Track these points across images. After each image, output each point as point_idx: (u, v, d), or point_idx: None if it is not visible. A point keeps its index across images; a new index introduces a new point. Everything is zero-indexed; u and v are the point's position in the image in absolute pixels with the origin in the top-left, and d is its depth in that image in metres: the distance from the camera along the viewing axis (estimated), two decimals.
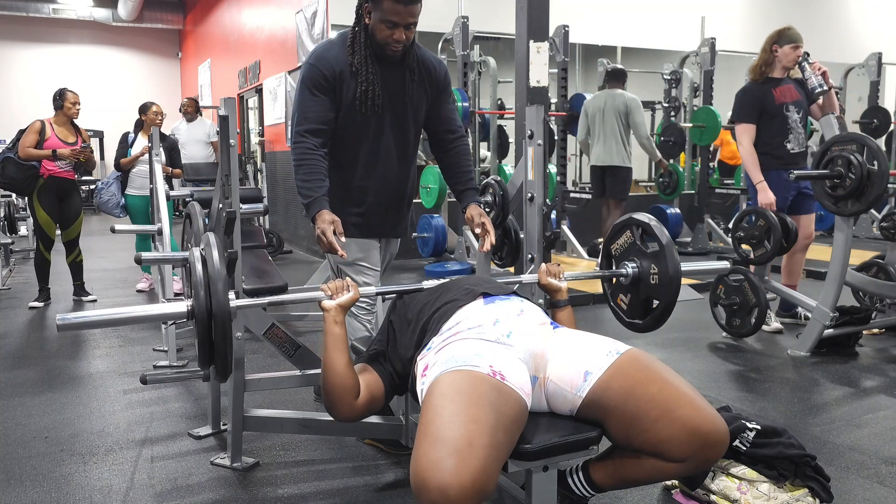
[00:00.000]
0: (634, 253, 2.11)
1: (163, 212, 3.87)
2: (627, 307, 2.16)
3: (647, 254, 2.07)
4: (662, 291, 2.03)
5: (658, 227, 2.05)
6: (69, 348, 3.92)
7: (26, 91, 14.12)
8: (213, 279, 1.67)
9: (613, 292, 2.22)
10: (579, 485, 1.71)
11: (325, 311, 1.79)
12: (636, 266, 2.10)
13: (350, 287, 1.84)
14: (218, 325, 1.65)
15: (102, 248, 8.37)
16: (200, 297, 1.65)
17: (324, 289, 1.84)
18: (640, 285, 2.09)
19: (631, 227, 2.13)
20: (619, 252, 2.17)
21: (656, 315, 2.08)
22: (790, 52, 3.89)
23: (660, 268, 2.02)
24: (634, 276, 2.10)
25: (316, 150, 2.28)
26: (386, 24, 2.24)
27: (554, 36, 6.27)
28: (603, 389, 1.57)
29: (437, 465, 1.29)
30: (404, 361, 1.81)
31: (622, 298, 2.17)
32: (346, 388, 1.72)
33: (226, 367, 1.72)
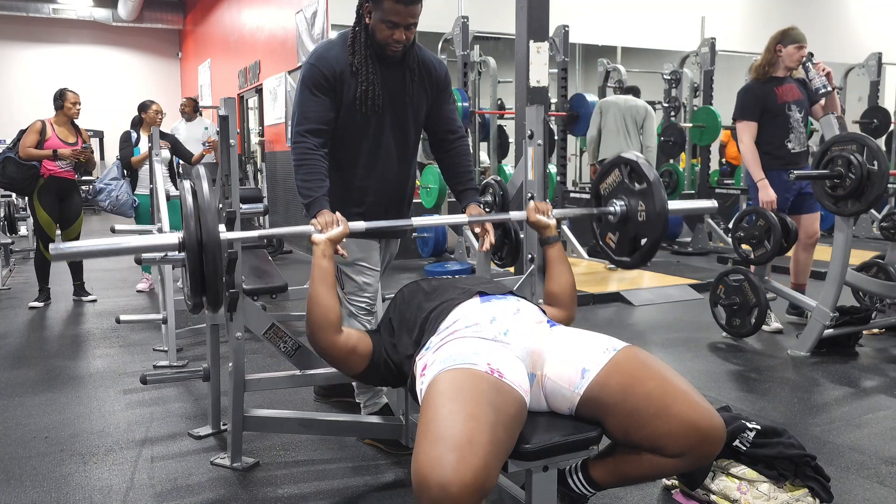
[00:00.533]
0: (623, 192, 2.17)
1: (163, 212, 3.87)
2: (616, 245, 2.23)
3: (635, 192, 2.13)
4: (650, 228, 2.09)
5: (646, 166, 2.11)
6: (69, 348, 3.92)
7: (26, 91, 14.13)
8: (204, 210, 1.72)
9: (602, 231, 2.28)
10: (579, 483, 1.71)
11: (314, 244, 1.89)
12: (624, 204, 2.16)
13: (340, 222, 1.93)
14: (208, 254, 1.70)
15: None
16: (191, 227, 1.70)
17: (314, 223, 1.93)
18: (629, 223, 2.15)
19: (619, 165, 2.19)
20: (607, 191, 2.24)
21: (644, 251, 2.15)
22: (794, 52, 3.89)
23: (647, 205, 2.07)
24: (623, 214, 2.16)
25: (316, 150, 2.28)
26: (386, 25, 2.24)
27: (554, 36, 6.27)
28: (601, 386, 1.58)
29: (437, 462, 1.29)
30: (402, 357, 1.83)
31: (611, 237, 2.23)
32: (328, 321, 1.82)
33: (216, 297, 1.77)
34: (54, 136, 4.97)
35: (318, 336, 1.85)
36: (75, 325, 4.45)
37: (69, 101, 5.03)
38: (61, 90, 5.08)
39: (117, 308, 4.89)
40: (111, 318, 4.44)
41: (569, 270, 2.13)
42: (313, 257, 1.89)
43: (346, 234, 1.93)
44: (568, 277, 2.12)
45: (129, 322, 3.93)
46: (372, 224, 2.08)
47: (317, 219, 1.94)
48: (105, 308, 4.96)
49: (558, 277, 2.12)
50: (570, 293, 2.12)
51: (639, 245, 2.16)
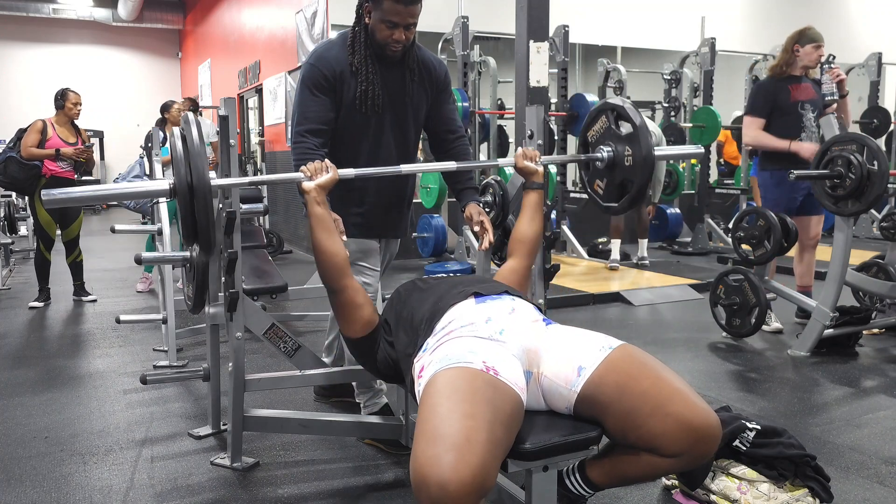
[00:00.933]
0: (609, 137, 2.20)
1: (163, 212, 3.87)
2: (604, 191, 2.26)
3: (622, 137, 2.16)
4: (636, 172, 2.11)
5: (631, 110, 2.14)
6: (69, 348, 3.92)
7: (26, 91, 14.13)
8: (193, 155, 1.73)
9: (590, 178, 2.32)
10: (576, 484, 1.71)
11: (305, 192, 1.92)
12: (611, 150, 2.19)
13: (329, 168, 1.95)
14: (199, 198, 1.71)
15: (102, 248, 8.37)
16: (181, 173, 1.71)
17: (303, 170, 1.94)
18: (616, 169, 2.18)
19: (606, 111, 2.22)
20: (594, 138, 2.27)
21: (631, 196, 2.17)
22: (812, 52, 3.89)
23: (633, 150, 2.11)
24: (609, 160, 2.19)
25: (316, 150, 2.28)
26: (386, 24, 2.25)
27: (554, 36, 6.27)
28: (597, 384, 1.57)
29: (436, 461, 1.29)
30: (399, 354, 1.83)
31: (598, 184, 2.26)
32: (335, 265, 1.89)
33: (209, 241, 1.80)
34: (55, 135, 4.97)
35: (328, 279, 1.91)
36: (75, 325, 4.45)
37: (70, 101, 5.03)
38: (63, 90, 5.08)
39: (117, 308, 4.89)
40: (111, 318, 4.44)
41: (541, 220, 2.20)
42: (307, 206, 1.93)
43: (335, 179, 1.95)
44: (538, 226, 2.19)
45: (129, 322, 3.93)
46: (361, 171, 2.08)
47: (305, 166, 1.95)
48: (105, 308, 4.96)
49: (529, 223, 2.19)
50: (534, 241, 2.19)
51: (627, 190, 2.19)
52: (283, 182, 2.05)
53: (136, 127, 14.02)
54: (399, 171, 2.15)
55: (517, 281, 2.07)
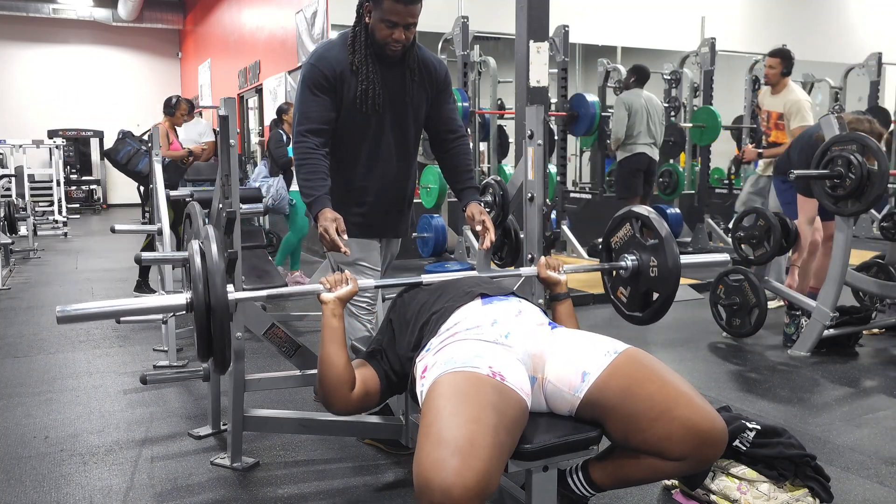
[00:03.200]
0: (634, 246, 2.13)
1: (163, 212, 3.86)
2: (627, 300, 2.18)
3: (647, 246, 2.09)
4: (662, 284, 2.04)
5: (657, 220, 2.07)
6: (69, 348, 3.92)
7: (26, 91, 14.14)
8: (212, 272, 1.69)
9: (613, 285, 2.23)
10: (579, 484, 1.71)
11: (323, 303, 1.83)
12: (636, 259, 2.11)
13: (349, 280, 1.87)
14: (216, 318, 1.67)
15: (103, 247, 8.38)
16: (199, 290, 1.67)
17: (323, 282, 1.86)
18: (640, 278, 2.11)
19: (630, 219, 2.15)
20: (618, 245, 2.19)
21: (656, 307, 2.10)
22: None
23: (659, 260, 2.03)
24: (634, 269, 2.12)
25: (317, 150, 2.28)
26: (386, 24, 2.25)
27: (554, 36, 6.27)
28: (601, 389, 1.57)
29: (440, 465, 1.29)
30: (403, 361, 1.82)
31: (622, 291, 2.19)
32: (341, 381, 1.76)
33: (224, 360, 1.74)
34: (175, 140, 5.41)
35: (335, 397, 1.78)
36: (76, 325, 4.45)
37: (182, 109, 5.46)
38: (177, 98, 5.50)
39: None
40: (111, 318, 4.44)
41: (575, 324, 2.06)
42: (323, 317, 1.83)
43: (354, 292, 1.86)
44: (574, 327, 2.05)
45: (129, 322, 3.93)
46: (382, 282, 2.10)
47: (326, 278, 1.89)
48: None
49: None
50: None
51: (650, 300, 2.12)
52: (303, 294, 2.01)
53: (136, 127, 13.98)
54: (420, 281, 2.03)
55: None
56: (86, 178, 14.04)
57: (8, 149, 10.06)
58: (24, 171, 9.40)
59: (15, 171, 9.36)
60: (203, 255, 1.70)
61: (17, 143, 9.92)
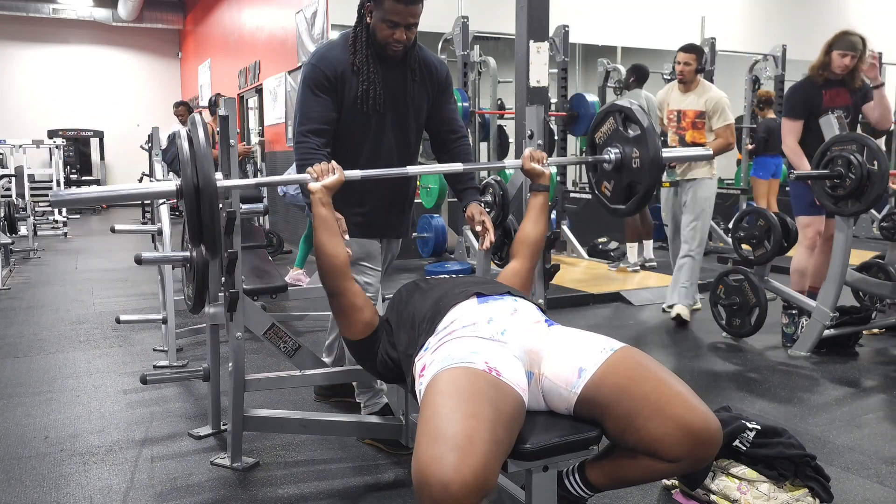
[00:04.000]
0: (617, 139, 2.18)
1: (163, 212, 3.86)
2: (611, 193, 2.25)
3: (630, 139, 2.14)
4: (644, 175, 2.10)
5: (639, 112, 2.12)
6: (69, 348, 3.92)
7: (26, 91, 14.14)
8: (200, 157, 1.74)
9: (598, 180, 2.31)
10: (576, 485, 1.71)
11: (311, 193, 1.93)
12: (619, 151, 2.17)
13: (335, 170, 1.96)
14: (205, 200, 1.73)
15: (102, 248, 8.38)
16: (188, 174, 1.73)
17: (310, 171, 1.96)
18: (623, 170, 2.17)
19: (613, 113, 2.21)
20: (602, 140, 2.26)
21: (638, 198, 2.17)
22: (838, 59, 3.80)
23: (641, 152, 2.10)
24: (617, 161, 2.18)
25: (318, 150, 2.29)
26: (387, 24, 2.25)
27: (554, 36, 6.27)
28: (597, 386, 1.57)
29: (438, 461, 1.29)
30: (400, 354, 1.83)
31: (606, 185, 2.25)
32: (335, 267, 1.89)
33: (214, 243, 1.81)
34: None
35: (329, 281, 1.92)
36: (76, 325, 4.45)
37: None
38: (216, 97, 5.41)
39: (117, 308, 4.89)
40: (111, 318, 4.44)
41: (545, 222, 2.20)
42: (312, 206, 1.94)
43: (341, 181, 1.96)
44: (542, 228, 2.19)
45: (129, 322, 3.93)
46: (367, 172, 2.10)
47: (312, 167, 1.96)
48: (105, 308, 4.96)
49: (533, 224, 2.19)
50: (538, 242, 2.19)
51: (633, 192, 2.18)
52: (289, 183, 2.06)
53: (136, 127, 14.03)
54: (405, 172, 2.15)
55: (520, 283, 2.07)
56: (86, 178, 14.04)
57: (8, 149, 10.05)
58: (24, 171, 9.39)
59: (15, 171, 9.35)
60: (191, 140, 1.76)
61: (17, 143, 9.91)
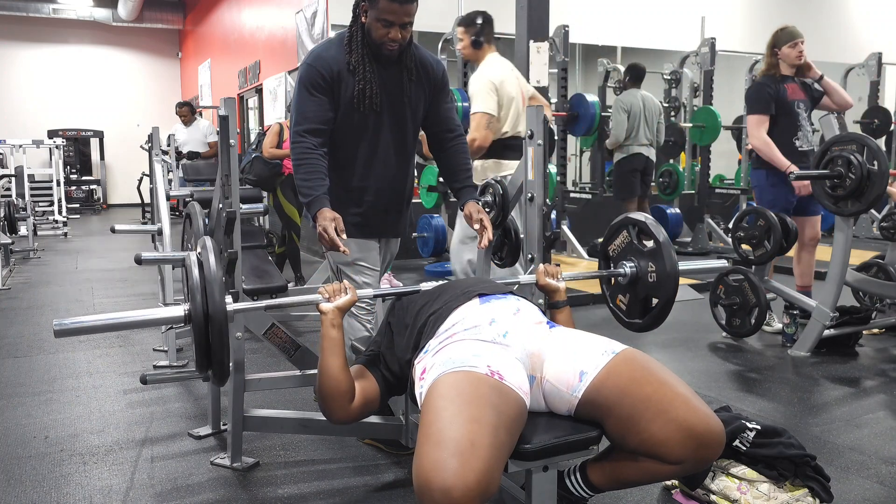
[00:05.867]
0: (632, 252, 2.12)
1: (163, 212, 3.86)
2: (627, 307, 2.17)
3: (645, 253, 2.08)
4: (661, 290, 2.03)
5: (654, 226, 2.06)
6: (69, 348, 3.92)
7: (26, 91, 14.13)
8: (210, 282, 1.67)
9: (612, 293, 2.22)
10: (577, 485, 1.71)
11: (322, 313, 1.80)
12: (634, 265, 2.10)
13: (348, 290, 1.84)
14: (215, 328, 1.65)
15: (103, 248, 8.37)
16: (197, 301, 1.65)
17: (321, 291, 1.84)
18: (639, 284, 2.10)
19: (627, 226, 2.14)
20: (616, 252, 2.18)
21: (655, 314, 2.08)
22: (791, 51, 3.89)
23: (658, 266, 2.02)
24: (632, 276, 2.11)
25: (315, 150, 2.28)
26: (382, 23, 2.25)
27: (554, 36, 6.27)
28: (598, 389, 1.57)
29: (440, 466, 1.29)
30: (401, 364, 1.81)
31: (621, 299, 2.18)
32: (341, 392, 1.75)
33: (223, 371, 1.72)
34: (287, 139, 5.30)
35: (334, 407, 1.77)
36: None
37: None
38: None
39: (117, 308, 4.89)
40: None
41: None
42: (322, 327, 1.80)
43: (353, 301, 1.84)
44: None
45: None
46: (379, 291, 2.06)
47: (324, 287, 1.87)
48: (105, 308, 4.96)
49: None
50: None
51: (650, 306, 2.12)
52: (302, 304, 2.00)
53: (136, 127, 14.02)
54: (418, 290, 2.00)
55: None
56: (86, 178, 14.04)
57: (8, 149, 10.06)
58: (24, 171, 9.40)
59: (15, 171, 9.36)
60: (201, 265, 1.70)
61: (17, 143, 9.91)
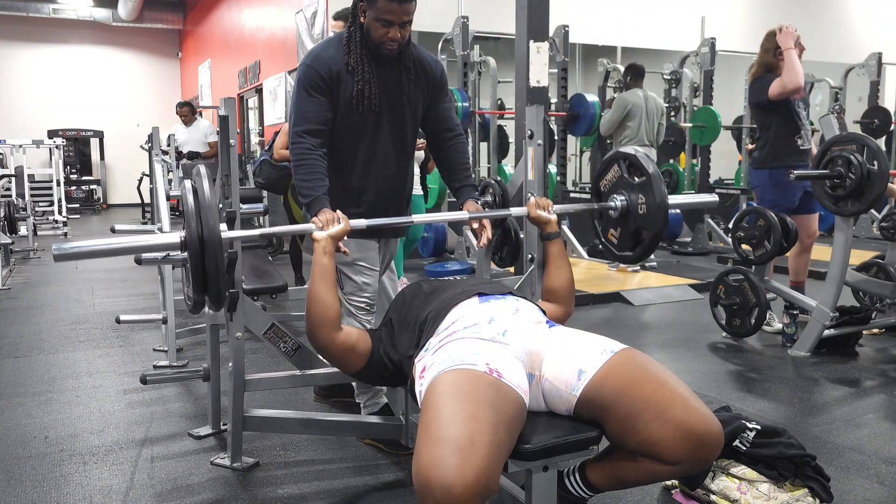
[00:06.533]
0: (622, 186, 2.19)
1: (163, 211, 3.87)
2: (618, 240, 2.26)
3: (635, 185, 2.15)
4: (651, 221, 2.10)
5: (644, 159, 2.13)
6: (69, 348, 3.92)
7: (26, 91, 14.13)
8: (204, 208, 1.73)
9: (604, 227, 2.31)
10: (576, 486, 1.71)
11: (315, 241, 1.91)
12: (624, 199, 2.18)
13: (341, 219, 1.95)
14: (209, 252, 1.72)
15: None
16: (192, 226, 1.72)
17: (315, 221, 1.95)
18: (629, 217, 2.17)
19: (618, 161, 2.21)
20: (607, 187, 2.26)
21: (646, 245, 2.17)
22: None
23: (647, 198, 2.10)
24: (623, 209, 2.18)
25: (315, 150, 2.28)
26: (381, 23, 2.25)
27: (554, 36, 6.27)
28: (597, 389, 1.57)
29: (440, 464, 1.29)
30: (401, 356, 1.82)
31: (612, 233, 2.25)
32: (327, 318, 1.84)
33: (218, 295, 1.79)
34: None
35: (318, 333, 1.86)
36: (75, 325, 4.45)
37: None
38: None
39: (117, 308, 4.89)
40: (111, 318, 4.44)
41: (568, 267, 2.16)
42: (314, 254, 1.90)
43: (346, 231, 1.94)
44: (567, 274, 2.15)
45: (129, 322, 3.93)
46: (373, 221, 2.10)
47: (318, 216, 1.95)
48: (105, 308, 4.96)
49: (558, 274, 2.14)
50: (568, 289, 2.14)
51: (640, 239, 2.18)
52: (295, 233, 2.06)
53: (136, 127, 14.02)
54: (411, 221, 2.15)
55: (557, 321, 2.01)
56: (86, 178, 14.05)
57: (8, 149, 10.05)
58: (24, 171, 9.40)
59: (15, 171, 9.36)
60: (195, 192, 1.75)
61: (17, 143, 9.91)
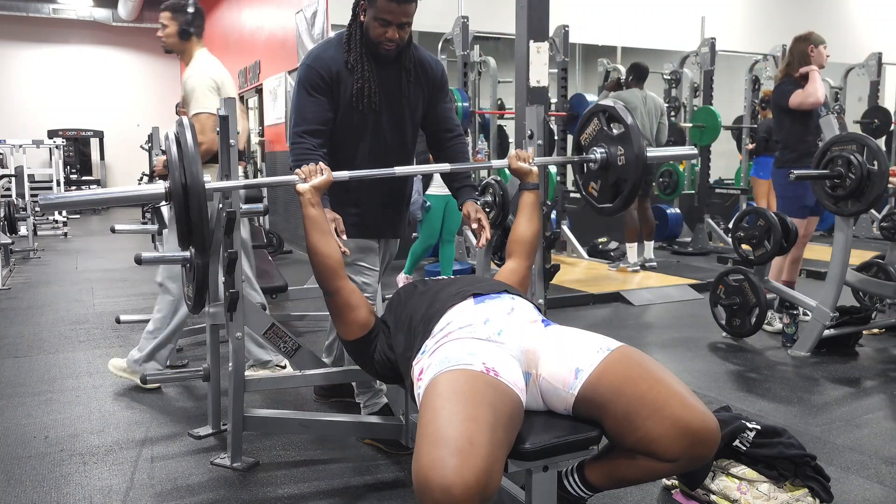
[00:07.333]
0: (602, 139, 2.23)
1: (163, 211, 3.87)
2: (598, 193, 2.30)
3: (614, 138, 2.19)
4: (630, 172, 2.14)
5: (622, 111, 2.17)
6: (69, 348, 3.92)
7: (26, 91, 14.13)
8: (188, 158, 1.76)
9: (585, 181, 2.35)
10: (575, 486, 1.71)
11: (299, 194, 1.93)
12: (604, 151, 2.22)
13: (323, 170, 1.96)
14: (193, 200, 1.75)
15: (102, 248, 8.37)
16: (175, 176, 1.75)
17: (298, 173, 1.96)
18: (609, 170, 2.22)
19: (598, 114, 2.25)
20: (588, 141, 2.30)
21: (625, 195, 2.20)
22: (823, 51, 4.09)
23: (626, 149, 2.15)
24: (603, 161, 2.22)
25: (315, 151, 2.28)
26: (379, 23, 2.25)
27: (554, 36, 6.27)
28: (594, 387, 1.57)
29: (439, 464, 1.29)
30: (398, 356, 1.83)
31: (593, 185, 2.31)
32: (328, 267, 1.88)
33: (203, 242, 1.83)
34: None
35: (323, 281, 1.91)
36: (75, 325, 4.45)
37: None
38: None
39: (117, 308, 4.88)
40: (111, 318, 4.44)
41: (538, 219, 2.21)
42: (302, 207, 1.93)
43: (329, 181, 1.96)
44: (535, 227, 2.19)
45: (129, 322, 3.93)
46: (356, 173, 2.11)
47: (300, 169, 1.96)
48: (105, 308, 4.95)
49: (526, 223, 2.18)
50: (532, 241, 2.18)
51: (620, 190, 2.22)
52: (278, 185, 2.07)
53: (136, 127, 14.03)
54: (392, 173, 2.15)
55: (517, 281, 2.07)
56: (86, 178, 14.05)
57: (8, 149, 10.05)
58: (24, 171, 9.39)
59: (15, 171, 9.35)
60: (178, 142, 1.78)
61: (17, 143, 9.91)
